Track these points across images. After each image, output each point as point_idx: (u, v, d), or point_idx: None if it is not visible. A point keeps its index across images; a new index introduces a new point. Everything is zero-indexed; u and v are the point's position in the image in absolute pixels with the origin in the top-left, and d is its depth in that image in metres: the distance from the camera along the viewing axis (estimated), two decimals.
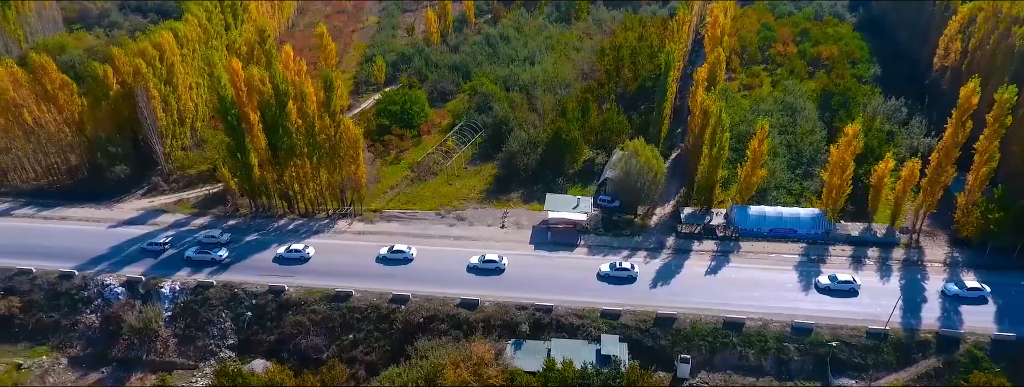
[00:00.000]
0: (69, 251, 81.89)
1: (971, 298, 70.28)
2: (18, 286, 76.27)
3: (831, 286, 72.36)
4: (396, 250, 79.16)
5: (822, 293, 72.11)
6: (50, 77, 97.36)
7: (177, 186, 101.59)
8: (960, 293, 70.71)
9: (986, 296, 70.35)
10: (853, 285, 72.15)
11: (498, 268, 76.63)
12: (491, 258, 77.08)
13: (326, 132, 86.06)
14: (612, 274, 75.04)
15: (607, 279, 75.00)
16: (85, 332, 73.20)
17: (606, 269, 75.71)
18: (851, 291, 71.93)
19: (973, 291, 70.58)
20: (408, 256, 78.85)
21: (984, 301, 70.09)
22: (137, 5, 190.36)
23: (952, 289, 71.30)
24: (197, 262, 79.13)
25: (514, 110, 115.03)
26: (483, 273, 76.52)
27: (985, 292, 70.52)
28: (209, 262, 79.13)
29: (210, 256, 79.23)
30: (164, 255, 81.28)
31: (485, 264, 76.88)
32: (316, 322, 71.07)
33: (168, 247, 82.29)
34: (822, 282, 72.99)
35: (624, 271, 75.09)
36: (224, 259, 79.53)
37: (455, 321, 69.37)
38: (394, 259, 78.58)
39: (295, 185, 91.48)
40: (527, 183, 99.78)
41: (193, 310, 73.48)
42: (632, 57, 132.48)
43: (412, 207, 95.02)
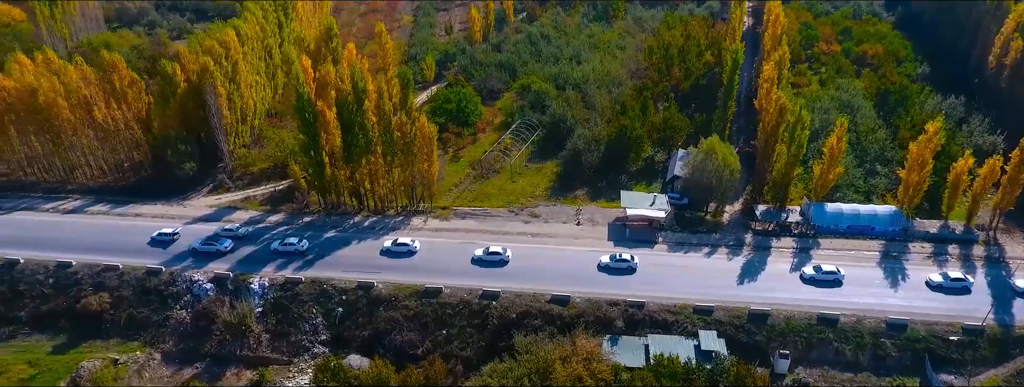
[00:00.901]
0: (149, 248, 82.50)
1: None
2: (106, 282, 76.78)
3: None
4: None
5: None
6: (119, 74, 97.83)
7: (242, 183, 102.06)
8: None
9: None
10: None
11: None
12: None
13: (402, 129, 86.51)
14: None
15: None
16: (176, 328, 73.66)
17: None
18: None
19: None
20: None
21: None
22: (173, 4, 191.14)
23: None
24: (281, 252, 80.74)
25: (570, 108, 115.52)
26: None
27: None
28: (214, 254, 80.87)
29: (215, 248, 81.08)
30: (172, 245, 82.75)
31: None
32: (409, 318, 71.54)
33: (177, 237, 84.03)
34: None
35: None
36: (228, 249, 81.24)
37: (548, 317, 69.82)
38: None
39: (366, 182, 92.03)
40: (590, 180, 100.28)
41: (283, 306, 73.96)
42: (681, 56, 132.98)
43: (480, 204, 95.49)
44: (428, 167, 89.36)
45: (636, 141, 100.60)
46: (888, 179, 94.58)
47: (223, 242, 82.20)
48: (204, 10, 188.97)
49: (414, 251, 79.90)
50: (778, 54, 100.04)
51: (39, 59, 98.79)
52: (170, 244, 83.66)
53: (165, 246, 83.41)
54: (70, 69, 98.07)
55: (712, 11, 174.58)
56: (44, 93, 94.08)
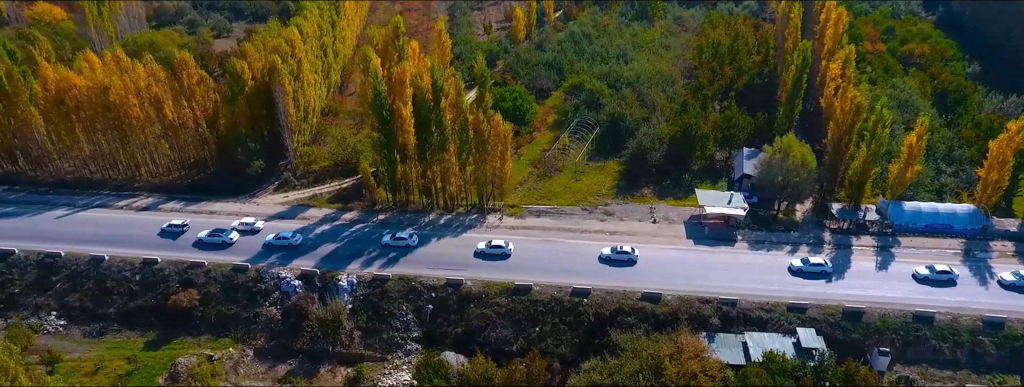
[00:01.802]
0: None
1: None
2: (194, 279, 77.09)
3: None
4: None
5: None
6: (189, 72, 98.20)
7: (306, 181, 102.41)
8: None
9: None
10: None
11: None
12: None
13: (478, 127, 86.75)
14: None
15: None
16: (267, 324, 73.95)
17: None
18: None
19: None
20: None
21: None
22: (210, 3, 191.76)
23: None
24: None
25: (627, 107, 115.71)
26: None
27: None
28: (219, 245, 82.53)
29: (220, 239, 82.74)
30: (182, 237, 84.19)
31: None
32: (501, 315, 71.77)
33: (186, 229, 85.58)
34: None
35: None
36: (232, 241, 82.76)
37: (641, 315, 70.04)
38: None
39: (437, 180, 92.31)
40: (655, 179, 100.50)
41: (373, 302, 74.23)
42: (731, 55, 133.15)
43: (547, 202, 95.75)
44: (501, 165, 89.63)
45: (701, 140, 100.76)
46: (956, 178, 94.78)
47: (227, 234, 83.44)
48: (240, 9, 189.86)
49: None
50: (843, 53, 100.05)
51: (108, 57, 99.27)
52: (179, 235, 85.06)
53: (175, 238, 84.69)
54: (139, 67, 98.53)
55: (752, 11, 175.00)
56: (115, 91, 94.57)
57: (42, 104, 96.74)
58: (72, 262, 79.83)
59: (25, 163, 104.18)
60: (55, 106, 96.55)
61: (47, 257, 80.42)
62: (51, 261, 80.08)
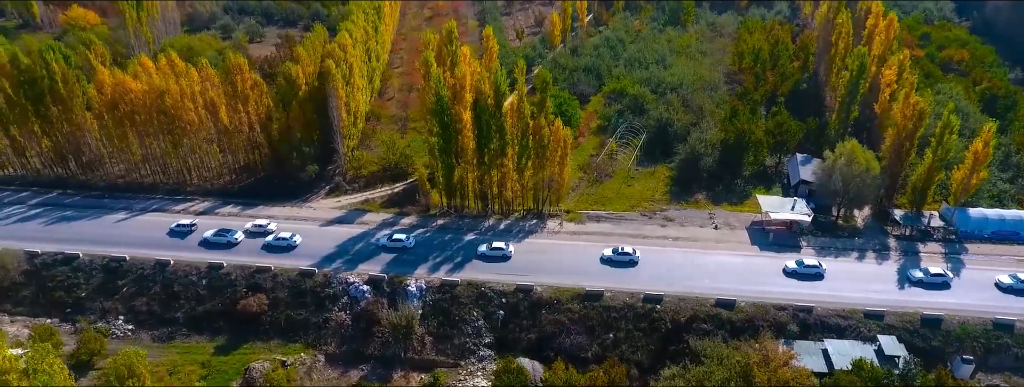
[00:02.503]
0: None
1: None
2: (261, 283, 76.93)
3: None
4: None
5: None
6: (243, 76, 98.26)
7: (357, 186, 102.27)
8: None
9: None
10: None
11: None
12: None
13: (539, 132, 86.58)
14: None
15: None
16: (337, 330, 73.65)
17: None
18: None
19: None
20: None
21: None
22: (240, 7, 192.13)
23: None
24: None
25: (673, 112, 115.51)
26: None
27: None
28: (225, 245, 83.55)
29: (226, 238, 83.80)
30: (190, 237, 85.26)
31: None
32: (574, 320, 71.42)
33: (194, 228, 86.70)
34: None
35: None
36: (237, 241, 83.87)
37: (717, 321, 69.66)
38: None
39: (494, 185, 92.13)
40: (708, 184, 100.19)
41: (443, 308, 73.95)
42: (773, 60, 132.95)
43: (601, 208, 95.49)
44: (560, 171, 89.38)
45: (755, 146, 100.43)
46: (1014, 185, 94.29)
47: (232, 234, 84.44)
48: (271, 14, 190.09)
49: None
50: (898, 58, 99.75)
51: (163, 62, 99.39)
52: (188, 235, 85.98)
53: (183, 237, 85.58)
54: (193, 72, 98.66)
55: (784, 16, 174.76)
56: (172, 95, 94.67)
57: (97, 108, 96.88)
58: (137, 266, 79.72)
59: (76, 167, 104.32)
60: (110, 110, 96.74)
61: (112, 261, 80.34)
62: (116, 265, 79.99)
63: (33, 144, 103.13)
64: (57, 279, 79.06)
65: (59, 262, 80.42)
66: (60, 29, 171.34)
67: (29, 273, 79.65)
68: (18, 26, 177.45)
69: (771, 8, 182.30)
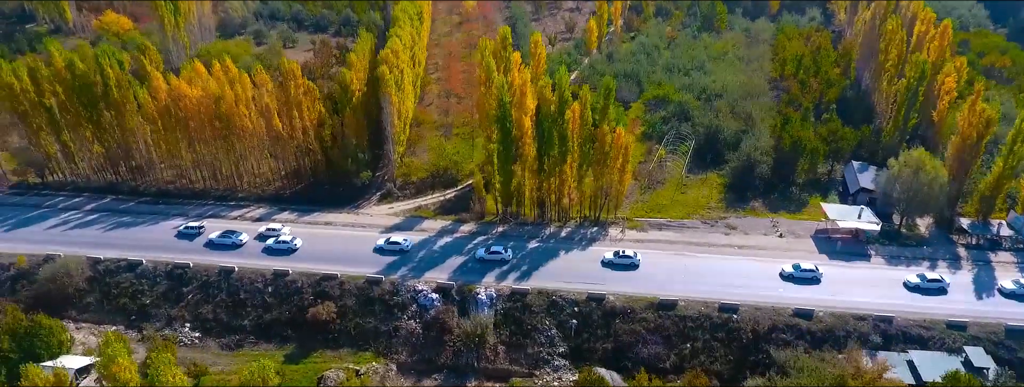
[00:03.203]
0: (355, 256, 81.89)
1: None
2: (328, 291, 76.19)
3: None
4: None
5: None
6: (296, 82, 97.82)
7: (409, 192, 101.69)
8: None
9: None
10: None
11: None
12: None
13: (602, 139, 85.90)
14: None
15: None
16: (408, 338, 72.87)
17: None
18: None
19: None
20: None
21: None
22: (270, 12, 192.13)
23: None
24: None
25: (721, 119, 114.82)
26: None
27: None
28: (230, 246, 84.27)
29: (231, 240, 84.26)
30: (198, 238, 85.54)
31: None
32: (650, 330, 70.55)
33: (203, 230, 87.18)
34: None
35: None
36: (242, 243, 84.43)
37: (797, 331, 68.72)
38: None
39: (552, 192, 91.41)
40: (763, 192, 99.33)
41: (515, 317, 73.12)
42: (815, 67, 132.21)
43: (657, 215, 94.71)
44: (620, 178, 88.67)
45: (811, 153, 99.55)
46: None
47: (237, 236, 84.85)
48: (301, 19, 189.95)
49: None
50: (954, 65, 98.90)
51: (217, 67, 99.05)
52: (196, 237, 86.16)
53: (191, 239, 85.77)
54: (246, 78, 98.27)
55: (818, 22, 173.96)
56: (227, 101, 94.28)
57: (151, 113, 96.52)
58: (202, 273, 79.10)
59: (126, 172, 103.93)
60: (163, 116, 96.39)
61: (176, 268, 79.76)
62: (180, 272, 79.38)
63: (84, 150, 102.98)
64: (121, 286, 78.51)
65: (123, 268, 79.85)
66: (93, 34, 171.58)
67: (93, 280, 79.09)
68: (50, 31, 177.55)
69: (803, 14, 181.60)
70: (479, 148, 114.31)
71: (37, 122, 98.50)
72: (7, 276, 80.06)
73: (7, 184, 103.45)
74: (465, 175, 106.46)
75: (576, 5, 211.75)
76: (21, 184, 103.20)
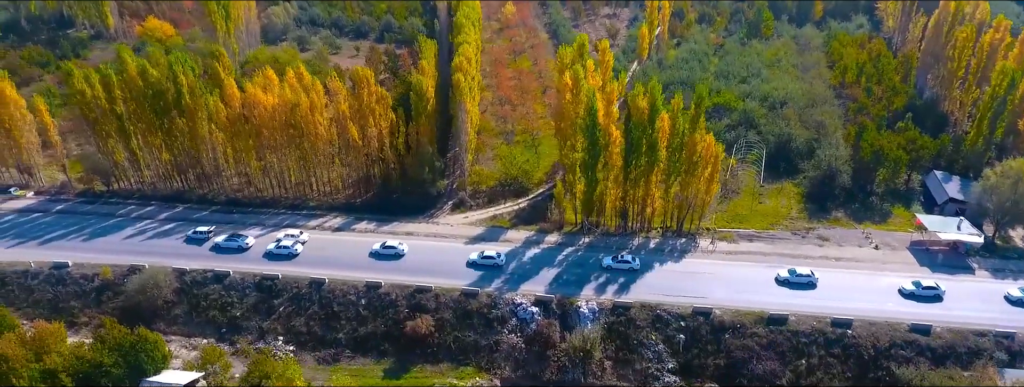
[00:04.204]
0: (441, 267, 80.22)
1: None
2: (424, 304, 74.40)
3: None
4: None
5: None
6: (369, 89, 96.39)
7: (481, 201, 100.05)
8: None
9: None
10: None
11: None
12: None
13: (693, 148, 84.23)
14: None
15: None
16: (509, 353, 70.96)
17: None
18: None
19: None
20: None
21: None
22: (310, 18, 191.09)
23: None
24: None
25: (790, 127, 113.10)
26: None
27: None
28: (235, 249, 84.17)
29: (237, 243, 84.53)
30: (207, 244, 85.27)
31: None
32: (763, 346, 68.64)
33: (212, 236, 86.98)
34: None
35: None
36: (248, 246, 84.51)
37: (916, 348, 66.76)
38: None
39: (636, 202, 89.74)
40: (842, 202, 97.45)
41: (619, 331, 71.27)
42: (878, 74, 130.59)
43: (739, 225, 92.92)
44: (707, 187, 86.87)
45: (894, 163, 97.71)
46: None
47: (243, 239, 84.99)
48: (341, 25, 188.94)
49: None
50: None
51: (290, 74, 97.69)
52: (204, 242, 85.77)
53: (200, 244, 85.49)
54: (319, 85, 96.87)
55: (867, 29, 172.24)
56: (303, 109, 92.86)
57: (223, 121, 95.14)
58: (292, 285, 77.37)
59: (193, 180, 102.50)
60: (236, 123, 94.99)
61: (264, 279, 78.06)
62: (270, 284, 77.67)
63: (151, 157, 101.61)
64: (210, 297, 76.81)
65: (210, 280, 78.18)
66: (135, 40, 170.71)
67: (180, 291, 77.44)
68: (91, 37, 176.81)
69: (848, 20, 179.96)
70: (544, 156, 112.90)
71: (107, 129, 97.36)
72: (91, 287, 78.51)
73: (73, 191, 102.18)
74: (534, 184, 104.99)
75: (613, 11, 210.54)
76: (88, 192, 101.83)
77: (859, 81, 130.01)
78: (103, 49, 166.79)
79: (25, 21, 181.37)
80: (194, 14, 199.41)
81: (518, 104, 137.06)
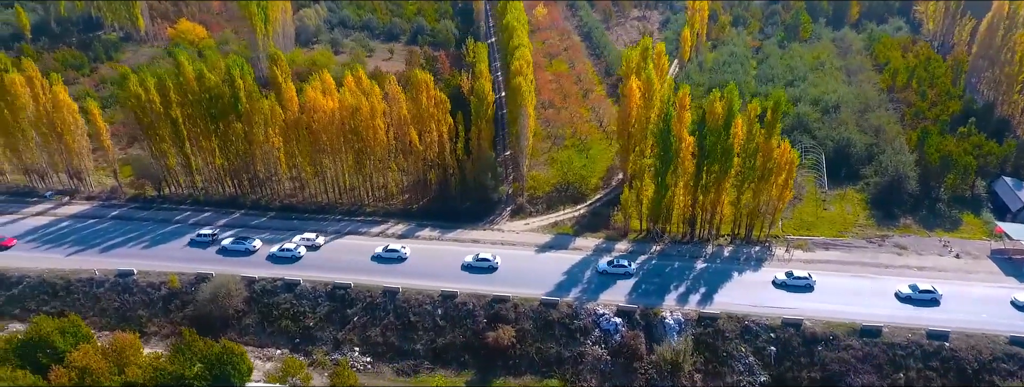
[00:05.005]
0: (516, 275, 78.49)
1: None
2: (503, 314, 72.55)
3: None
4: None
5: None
6: (428, 94, 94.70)
7: (540, 207, 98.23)
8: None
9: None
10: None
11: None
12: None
13: (769, 155, 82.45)
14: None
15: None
16: (595, 365, 69.14)
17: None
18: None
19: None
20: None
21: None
22: (339, 20, 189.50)
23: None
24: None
25: (850, 132, 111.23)
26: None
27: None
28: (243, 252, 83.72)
29: (244, 246, 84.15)
30: (211, 247, 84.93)
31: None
32: (859, 358, 66.80)
33: (216, 238, 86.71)
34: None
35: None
36: (255, 249, 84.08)
37: (1019, 361, 64.89)
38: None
39: (706, 209, 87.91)
40: (911, 208, 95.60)
41: (707, 343, 69.46)
42: (930, 78, 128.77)
43: (807, 232, 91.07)
44: (780, 194, 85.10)
45: (964, 169, 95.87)
46: None
47: (250, 242, 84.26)
48: (371, 27, 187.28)
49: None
50: None
51: (349, 78, 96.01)
52: (208, 245, 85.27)
53: (204, 247, 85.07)
54: (376, 89, 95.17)
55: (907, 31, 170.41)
56: (363, 113, 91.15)
57: (282, 125, 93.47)
58: (365, 294, 75.58)
59: (247, 185, 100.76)
60: (294, 128, 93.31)
61: (336, 288, 76.26)
62: (342, 293, 75.89)
63: (203, 162, 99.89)
64: (281, 307, 75.05)
65: (280, 289, 76.44)
66: (166, 42, 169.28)
67: (250, 300, 75.69)
68: (121, 39, 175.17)
69: (884, 22, 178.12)
70: (596, 160, 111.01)
71: (161, 133, 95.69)
72: (158, 296, 76.82)
73: (124, 196, 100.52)
74: (590, 189, 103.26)
75: (642, 13, 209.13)
76: (138, 197, 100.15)
77: (910, 85, 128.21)
78: (134, 51, 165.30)
79: (54, 23, 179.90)
80: (222, 16, 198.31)
81: (561, 107, 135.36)
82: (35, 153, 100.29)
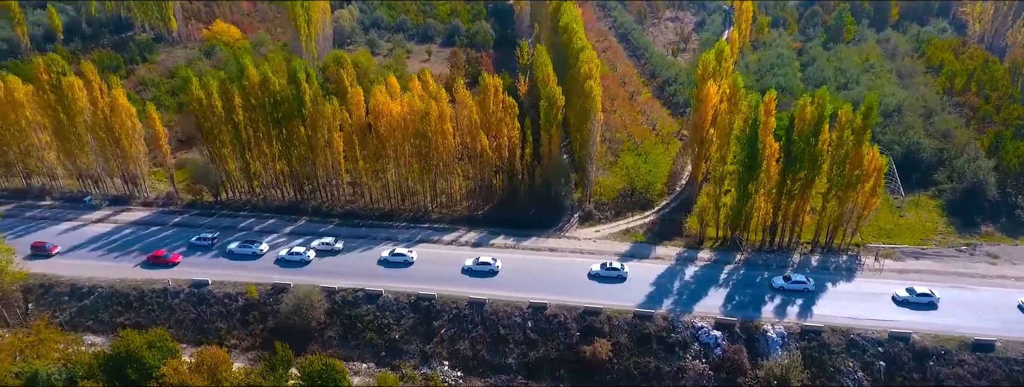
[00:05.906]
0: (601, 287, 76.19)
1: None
2: (596, 327, 70.18)
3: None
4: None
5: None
6: (496, 98, 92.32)
7: (608, 214, 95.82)
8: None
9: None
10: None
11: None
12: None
13: (859, 161, 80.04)
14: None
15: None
16: (697, 380, 66.75)
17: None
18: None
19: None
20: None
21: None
22: (372, 21, 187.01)
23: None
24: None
25: (915, 137, 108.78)
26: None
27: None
28: (250, 256, 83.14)
29: (251, 249, 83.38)
30: (212, 250, 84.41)
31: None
32: (974, 374, 64.43)
33: (216, 241, 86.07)
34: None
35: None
36: (262, 253, 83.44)
37: None
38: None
39: (788, 217, 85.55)
40: (991, 215, 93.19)
41: (812, 357, 66.97)
42: (991, 82, 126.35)
43: (887, 241, 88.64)
44: (867, 202, 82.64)
45: None
46: None
47: (256, 245, 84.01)
48: (405, 28, 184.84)
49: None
50: None
51: (415, 85, 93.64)
52: (209, 249, 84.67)
53: (206, 250, 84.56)
54: (443, 94, 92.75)
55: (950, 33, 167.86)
56: (432, 118, 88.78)
57: (349, 129, 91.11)
58: (450, 305, 73.17)
59: (309, 191, 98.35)
60: (360, 133, 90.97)
61: (421, 299, 73.85)
62: (427, 304, 73.49)
63: (262, 167, 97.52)
64: (364, 318, 72.58)
65: (362, 300, 74.00)
66: (199, 43, 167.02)
67: (332, 312, 73.29)
68: (153, 39, 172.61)
69: (925, 23, 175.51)
70: (657, 165, 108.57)
71: (221, 138, 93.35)
72: (236, 307, 74.45)
73: (181, 202, 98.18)
74: (656, 195, 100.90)
75: (675, 14, 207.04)
76: (195, 203, 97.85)
77: (969, 88, 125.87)
78: (168, 52, 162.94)
79: (85, 24, 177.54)
80: (253, 17, 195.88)
81: (610, 110, 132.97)
82: (90, 158, 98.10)
